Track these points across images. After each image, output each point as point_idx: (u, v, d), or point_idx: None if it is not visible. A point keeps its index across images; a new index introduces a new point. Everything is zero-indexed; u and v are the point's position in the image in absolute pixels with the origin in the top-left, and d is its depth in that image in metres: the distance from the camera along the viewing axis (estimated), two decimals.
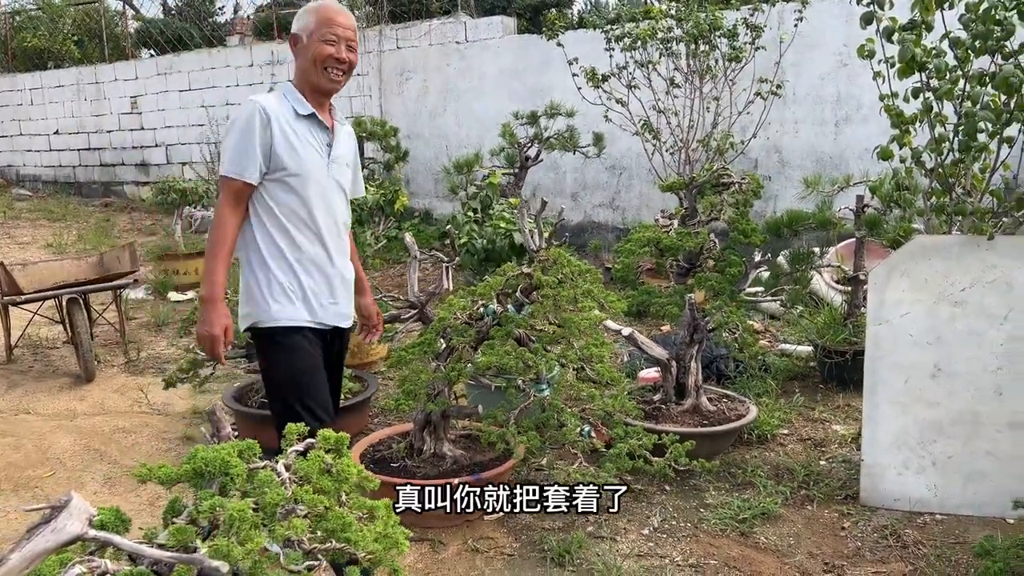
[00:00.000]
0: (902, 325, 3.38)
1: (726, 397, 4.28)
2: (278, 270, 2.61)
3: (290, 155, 2.56)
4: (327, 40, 2.60)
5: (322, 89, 2.65)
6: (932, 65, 3.09)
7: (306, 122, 2.64)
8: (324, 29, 2.60)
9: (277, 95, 2.64)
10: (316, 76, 2.62)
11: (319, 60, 2.59)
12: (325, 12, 2.63)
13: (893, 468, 3.42)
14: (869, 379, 3.45)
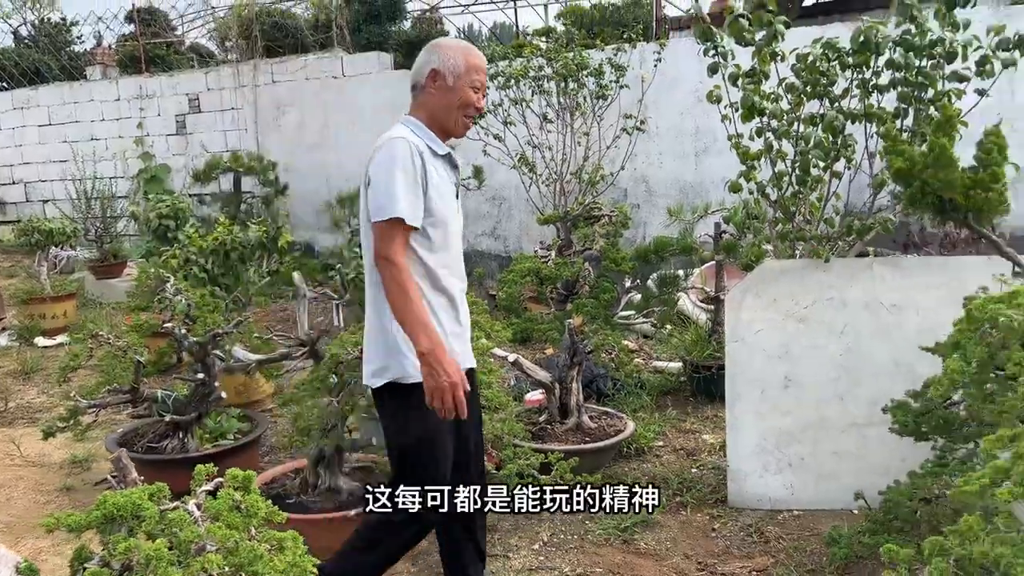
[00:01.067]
0: (756, 341, 3.74)
1: (606, 414, 4.56)
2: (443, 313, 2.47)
3: (438, 199, 2.44)
4: (475, 87, 2.50)
5: (454, 134, 2.56)
6: (769, 109, 3.49)
7: (442, 162, 2.52)
8: (474, 76, 2.50)
9: (409, 132, 2.45)
10: (454, 120, 2.50)
11: (463, 106, 2.48)
12: (475, 58, 2.52)
13: (755, 471, 3.77)
14: (730, 391, 3.80)
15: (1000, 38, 3.64)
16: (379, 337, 2.48)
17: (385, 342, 2.45)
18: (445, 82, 2.46)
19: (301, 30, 11.01)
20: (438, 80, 2.48)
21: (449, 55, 2.48)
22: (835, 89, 3.81)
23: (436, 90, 2.48)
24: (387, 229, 2.33)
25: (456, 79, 2.46)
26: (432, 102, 2.49)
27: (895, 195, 3.77)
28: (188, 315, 4.23)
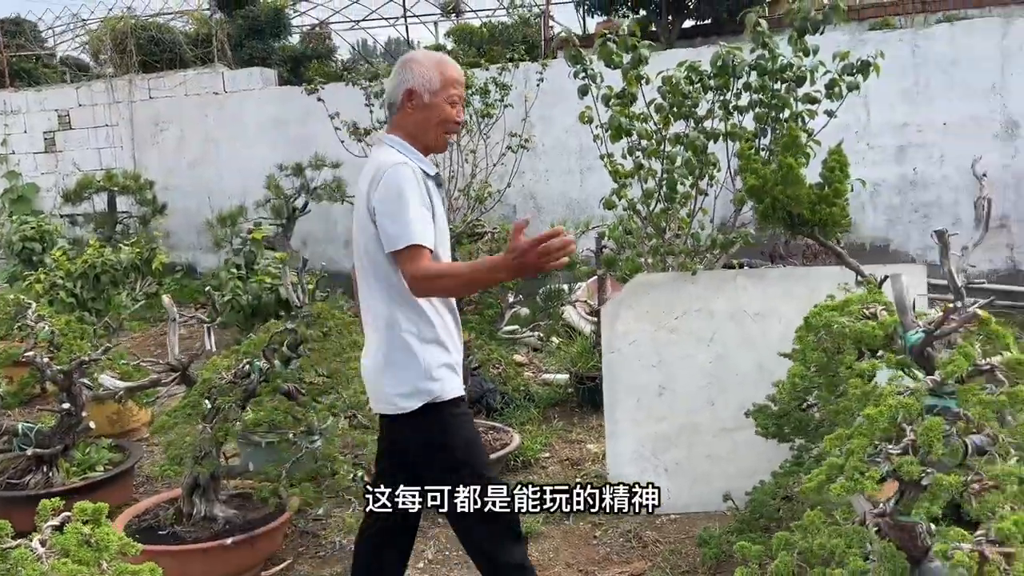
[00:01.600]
0: (631, 352, 3.88)
1: (492, 429, 4.60)
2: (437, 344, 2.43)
3: (438, 220, 2.42)
4: (452, 102, 2.43)
5: (436, 150, 2.54)
6: (636, 130, 3.64)
7: (432, 182, 2.46)
8: (451, 90, 2.43)
9: (404, 156, 2.39)
10: (434, 137, 2.47)
11: (442, 122, 2.44)
12: (450, 71, 2.44)
13: (633, 477, 3.87)
14: (608, 400, 3.92)
15: (845, 63, 3.92)
16: (406, 362, 2.41)
17: (416, 367, 2.40)
18: (421, 100, 2.41)
19: (180, 44, 10.67)
20: (414, 99, 2.42)
21: (422, 72, 2.42)
22: (699, 110, 4.01)
23: (413, 109, 2.43)
24: (410, 255, 2.28)
25: (432, 95, 2.41)
26: (410, 121, 2.45)
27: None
28: (52, 343, 4.02)
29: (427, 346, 2.41)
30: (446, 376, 2.44)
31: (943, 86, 7.23)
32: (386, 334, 2.43)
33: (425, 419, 2.44)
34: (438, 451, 2.49)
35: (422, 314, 2.40)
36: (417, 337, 2.39)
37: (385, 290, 2.41)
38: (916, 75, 7.30)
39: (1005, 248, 7.22)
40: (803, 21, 3.91)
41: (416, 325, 2.39)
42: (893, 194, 7.44)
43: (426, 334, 2.41)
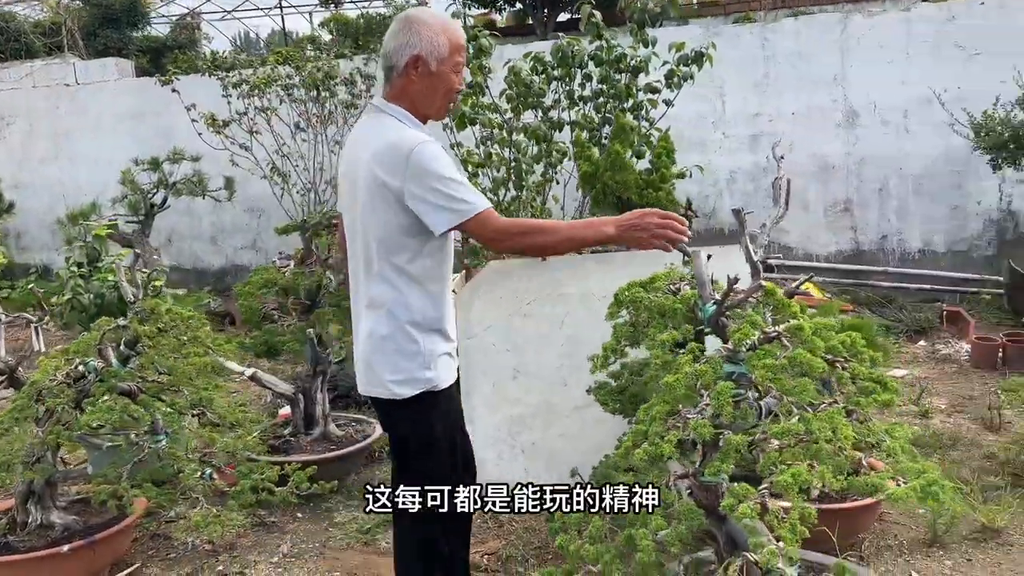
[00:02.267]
0: (486, 337, 3.95)
1: (356, 421, 4.59)
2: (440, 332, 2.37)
3: None
4: (457, 71, 2.30)
5: (436, 119, 2.39)
6: (480, 120, 3.70)
7: None
8: (457, 57, 2.29)
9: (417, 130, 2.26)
10: (438, 107, 2.34)
11: (449, 92, 2.31)
12: (457, 37, 2.29)
13: (491, 460, 3.97)
14: (465, 386, 3.96)
15: (680, 54, 4.11)
16: (407, 349, 2.32)
17: (417, 355, 2.33)
18: (428, 68, 2.25)
19: (26, 33, 10.03)
20: (420, 66, 2.25)
21: (431, 37, 2.24)
22: (547, 100, 4.12)
23: (418, 77, 2.26)
24: (483, 220, 2.20)
25: (439, 63, 2.26)
26: (414, 90, 2.28)
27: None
28: None
29: (430, 334, 2.35)
30: (444, 365, 2.40)
31: (791, 78, 7.66)
32: (387, 319, 2.31)
33: (420, 406, 2.39)
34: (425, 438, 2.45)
35: (429, 301, 2.33)
36: (421, 325, 2.32)
37: (395, 273, 2.29)
38: (766, 67, 7.70)
39: (849, 230, 7.72)
40: (641, 14, 4.07)
41: (422, 312, 2.32)
42: (748, 181, 7.84)
43: (430, 322, 2.34)
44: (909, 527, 3.46)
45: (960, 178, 7.26)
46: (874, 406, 2.12)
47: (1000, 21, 7.07)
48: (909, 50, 7.32)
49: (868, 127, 7.52)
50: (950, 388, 5.30)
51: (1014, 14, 7.07)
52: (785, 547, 1.87)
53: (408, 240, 2.24)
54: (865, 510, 3.25)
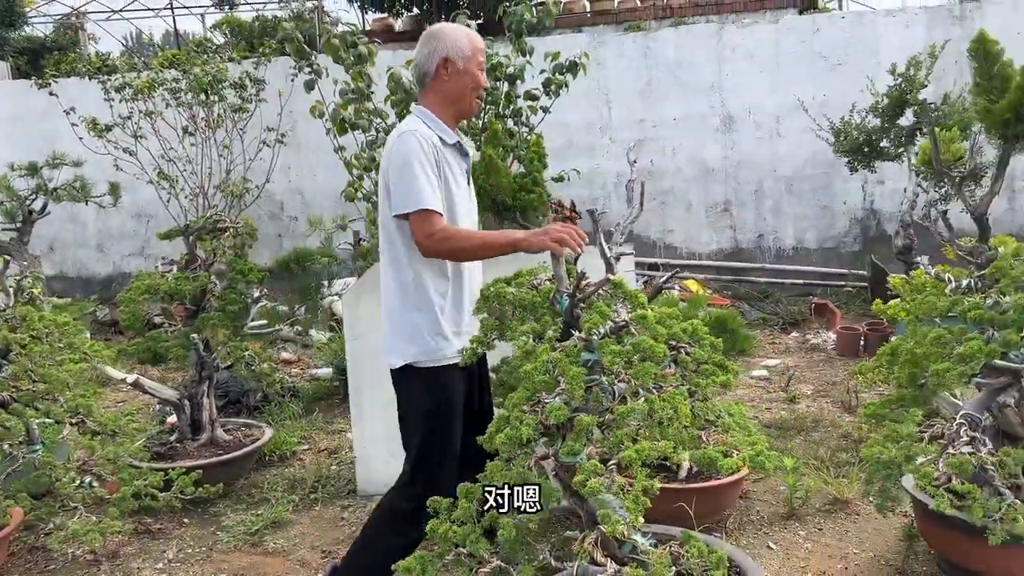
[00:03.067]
0: (372, 337, 4.02)
1: (245, 426, 4.59)
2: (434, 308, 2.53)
3: (448, 187, 2.50)
4: (482, 67, 2.58)
5: (469, 115, 2.69)
6: (362, 124, 3.79)
7: (452, 150, 2.56)
8: (480, 56, 2.57)
9: (419, 123, 2.51)
10: (468, 102, 2.58)
11: (476, 87, 2.56)
12: (476, 40, 2.58)
13: (381, 457, 4.05)
14: (354, 385, 4.05)
15: (556, 64, 4.30)
16: (402, 326, 2.56)
17: (408, 330, 2.55)
18: (456, 67, 2.52)
19: None
20: (449, 66, 2.52)
21: (455, 40, 2.53)
22: None
23: (449, 76, 2.53)
24: (420, 219, 2.41)
25: (466, 62, 2.53)
26: (447, 88, 2.54)
27: None
28: None
29: (415, 312, 2.54)
30: (435, 343, 2.55)
31: (672, 85, 8.03)
32: (386, 296, 2.60)
33: (407, 377, 2.60)
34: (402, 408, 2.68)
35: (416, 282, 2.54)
36: (407, 303, 2.55)
37: (390, 254, 2.56)
38: (649, 75, 8.05)
39: (729, 229, 8.16)
40: (519, 24, 4.24)
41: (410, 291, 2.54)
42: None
43: (417, 302, 2.54)
44: (769, 503, 3.74)
45: (827, 180, 7.78)
46: (712, 387, 2.33)
47: (859, 34, 7.63)
48: (779, 59, 7.79)
49: (744, 132, 7.97)
50: (816, 375, 5.70)
51: (871, 28, 7.64)
52: (630, 516, 2.05)
53: (394, 224, 2.51)
54: (728, 488, 3.50)
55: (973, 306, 2.49)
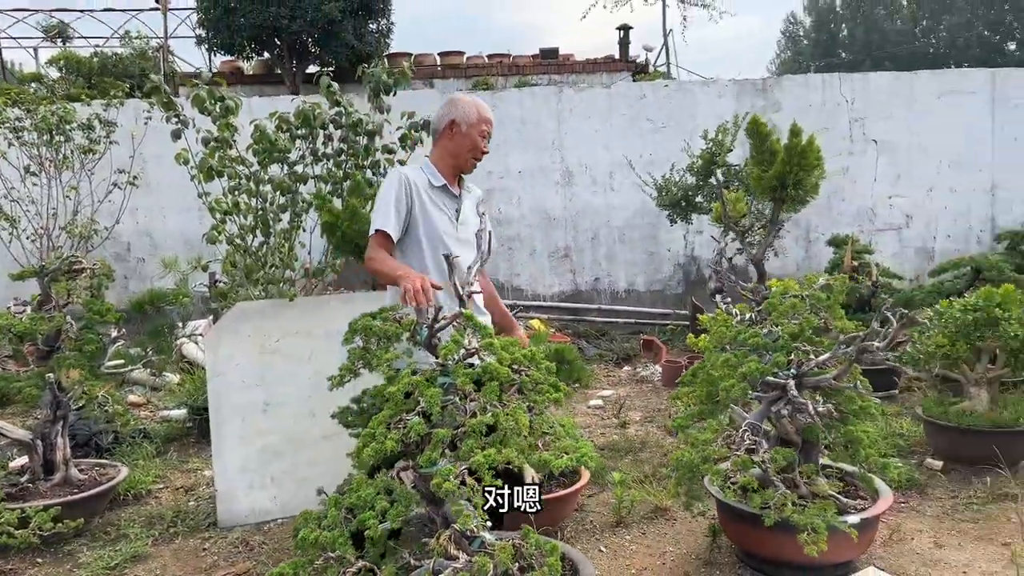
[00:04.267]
0: (235, 374, 4.22)
1: (99, 466, 4.60)
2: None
3: (425, 216, 3.03)
4: (483, 135, 3.10)
5: (465, 170, 3.16)
6: (226, 172, 4.03)
7: (439, 191, 3.09)
8: (483, 126, 3.09)
9: (415, 168, 3.13)
10: (464, 160, 3.11)
11: (473, 149, 3.09)
12: (484, 110, 3.12)
13: (241, 490, 4.22)
14: (215, 421, 4.21)
15: (412, 121, 4.72)
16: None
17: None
18: (460, 130, 3.07)
19: None
20: (455, 129, 3.08)
21: (464, 108, 3.09)
22: (294, 155, 4.53)
23: (452, 136, 3.09)
24: (371, 238, 3.02)
25: (469, 127, 3.07)
26: (446, 145, 3.11)
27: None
28: None
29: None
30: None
31: (517, 141, 8.68)
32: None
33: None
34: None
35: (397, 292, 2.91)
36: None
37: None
38: (496, 131, 8.63)
39: (569, 273, 8.83)
40: (376, 83, 4.64)
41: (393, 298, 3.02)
42: None
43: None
44: (601, 514, 4.23)
45: (654, 229, 8.63)
46: (546, 402, 2.77)
47: (680, 101, 8.60)
48: (611, 121, 8.63)
49: (582, 185, 8.71)
50: (644, 403, 6.35)
51: (690, 95, 8.63)
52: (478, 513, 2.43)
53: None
54: (565, 499, 3.96)
55: (752, 335, 3.10)
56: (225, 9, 13.18)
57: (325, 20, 12.94)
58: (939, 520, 3.99)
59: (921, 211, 8.90)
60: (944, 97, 8.78)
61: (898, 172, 8.86)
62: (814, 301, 3.03)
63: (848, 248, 6.29)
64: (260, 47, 14.17)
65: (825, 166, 4.02)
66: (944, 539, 3.77)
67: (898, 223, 8.89)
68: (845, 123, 8.77)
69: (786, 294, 3.09)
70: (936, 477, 4.51)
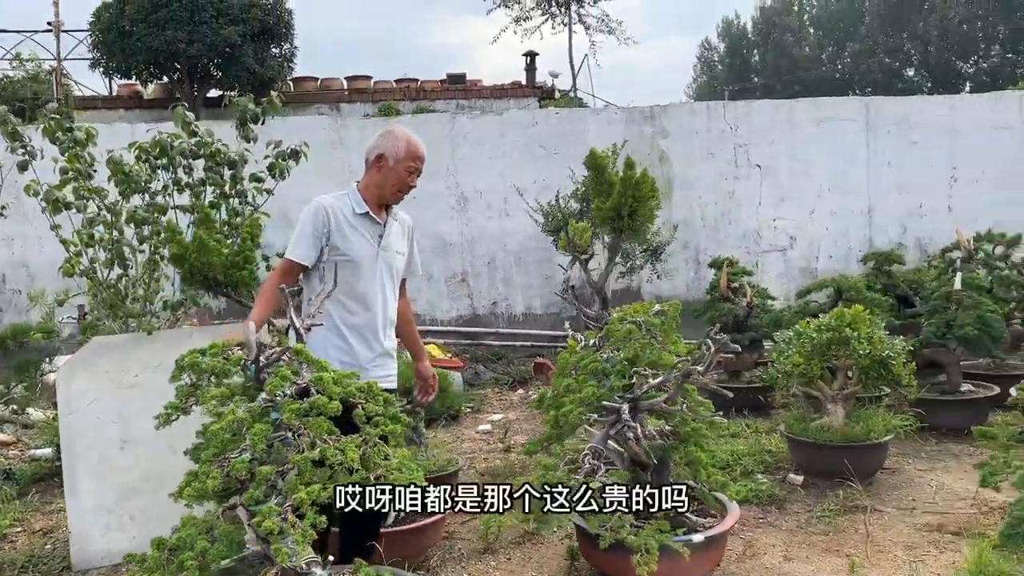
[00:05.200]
0: (90, 411, 4.09)
1: None
2: (333, 335, 3.17)
3: (343, 242, 3.13)
4: (411, 171, 3.17)
5: (389, 202, 3.24)
6: (75, 204, 3.93)
7: (361, 218, 3.18)
8: (411, 162, 3.15)
9: (339, 195, 3.21)
10: (389, 193, 3.19)
11: (397, 184, 3.17)
12: (414, 147, 3.16)
13: (97, 531, 4.08)
14: (67, 460, 4.06)
15: (279, 150, 4.70)
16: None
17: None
18: (387, 164, 3.14)
19: None
20: (382, 162, 3.15)
21: (391, 141, 3.16)
22: (156, 186, 4.45)
23: (379, 169, 3.16)
24: (280, 262, 3.21)
25: (396, 162, 3.14)
26: (376, 177, 3.18)
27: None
28: None
29: (323, 332, 3.12)
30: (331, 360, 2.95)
31: None
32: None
33: None
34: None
35: (328, 310, 3.14)
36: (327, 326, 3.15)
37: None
38: None
39: (466, 297, 8.88)
40: (243, 113, 4.60)
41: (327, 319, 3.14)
42: None
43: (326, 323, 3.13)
44: (470, 540, 4.24)
45: (548, 253, 8.76)
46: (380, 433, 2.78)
47: (570, 128, 8.80)
48: (504, 147, 8.76)
49: (477, 210, 8.80)
50: (532, 426, 6.41)
51: (580, 123, 8.84)
52: (298, 548, 2.42)
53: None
54: (430, 528, 3.96)
55: (591, 360, 3.18)
56: (120, 32, 12.88)
57: (225, 44, 12.78)
58: (792, 534, 4.15)
59: (804, 233, 9.30)
60: (822, 124, 9.22)
61: (781, 196, 9.24)
62: (650, 327, 3.14)
63: (724, 270, 6.52)
64: (158, 71, 13.88)
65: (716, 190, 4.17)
66: (794, 552, 3.92)
67: (782, 244, 9.27)
68: (730, 149, 9.12)
69: (624, 320, 3.19)
70: (796, 492, 4.69)
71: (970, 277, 5.97)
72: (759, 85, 31.31)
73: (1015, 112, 9.32)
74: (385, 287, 3.30)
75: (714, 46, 36.42)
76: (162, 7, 12.50)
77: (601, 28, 17.33)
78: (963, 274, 5.96)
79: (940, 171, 9.33)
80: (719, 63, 35.97)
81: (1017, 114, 9.31)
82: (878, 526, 4.17)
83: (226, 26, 12.60)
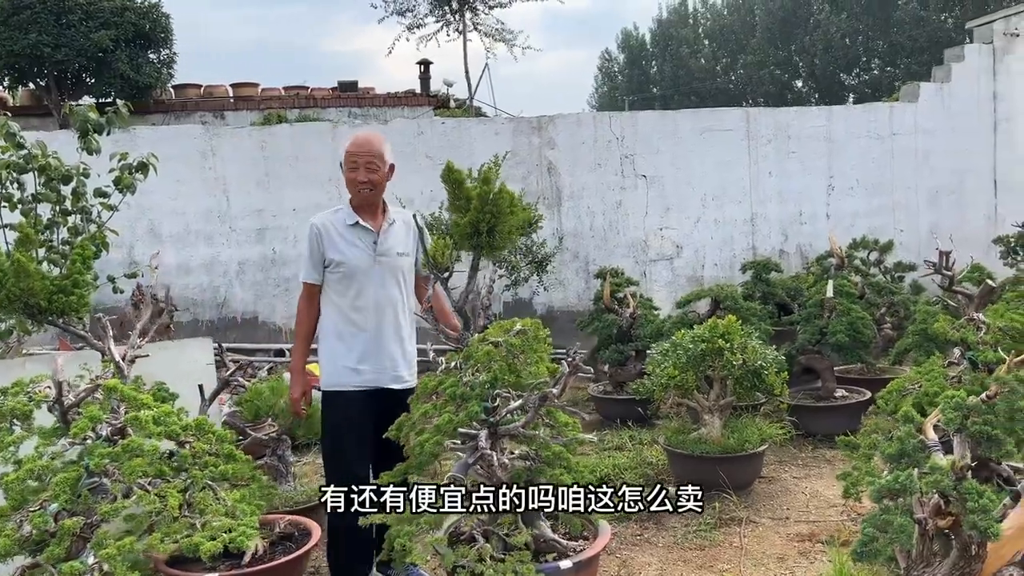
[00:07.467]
0: None
1: None
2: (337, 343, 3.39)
3: (338, 255, 3.36)
4: (351, 167, 3.37)
5: (365, 202, 3.43)
6: None
7: (352, 228, 3.40)
8: (350, 159, 3.36)
9: (334, 210, 3.48)
10: (353, 193, 3.42)
11: (351, 183, 3.39)
12: (348, 145, 3.39)
13: None
14: None
15: (124, 163, 4.36)
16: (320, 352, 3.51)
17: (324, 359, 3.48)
18: (343, 168, 3.40)
19: None
20: (342, 168, 3.41)
21: (344, 146, 3.41)
22: None
23: (344, 175, 3.42)
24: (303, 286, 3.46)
25: (344, 164, 3.40)
26: (345, 183, 3.45)
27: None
28: None
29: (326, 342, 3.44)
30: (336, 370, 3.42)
31: (291, 177, 8.38)
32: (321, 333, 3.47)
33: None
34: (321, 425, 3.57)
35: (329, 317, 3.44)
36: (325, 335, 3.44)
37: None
38: (267, 167, 8.32)
39: None
40: (83, 123, 4.25)
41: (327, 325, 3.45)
42: (257, 271, 8.30)
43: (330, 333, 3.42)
44: None
45: None
46: (214, 475, 2.54)
47: (457, 138, 8.65)
48: None
49: None
50: None
51: (467, 133, 8.71)
52: None
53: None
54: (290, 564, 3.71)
55: (451, 384, 3.02)
56: None
57: (96, 49, 12.06)
58: (669, 550, 4.09)
59: (690, 241, 9.43)
60: (705, 134, 9.39)
61: (667, 205, 9.35)
62: (510, 347, 3.00)
63: (607, 280, 6.49)
64: (22, 77, 13.00)
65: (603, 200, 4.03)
66: (669, 570, 3.87)
67: (669, 253, 9.37)
68: (617, 159, 9.16)
69: (484, 340, 3.05)
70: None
71: (841, 284, 6.13)
72: (658, 96, 32.04)
73: (884, 123, 9.74)
74: (391, 292, 3.46)
75: (614, 57, 37.13)
76: (25, 8, 11.69)
77: (497, 37, 17.28)
78: (835, 281, 6.11)
79: (818, 179, 9.65)
80: (619, 74, 36.68)
81: (887, 125, 9.73)
82: (752, 538, 4.16)
83: (96, 30, 11.90)
